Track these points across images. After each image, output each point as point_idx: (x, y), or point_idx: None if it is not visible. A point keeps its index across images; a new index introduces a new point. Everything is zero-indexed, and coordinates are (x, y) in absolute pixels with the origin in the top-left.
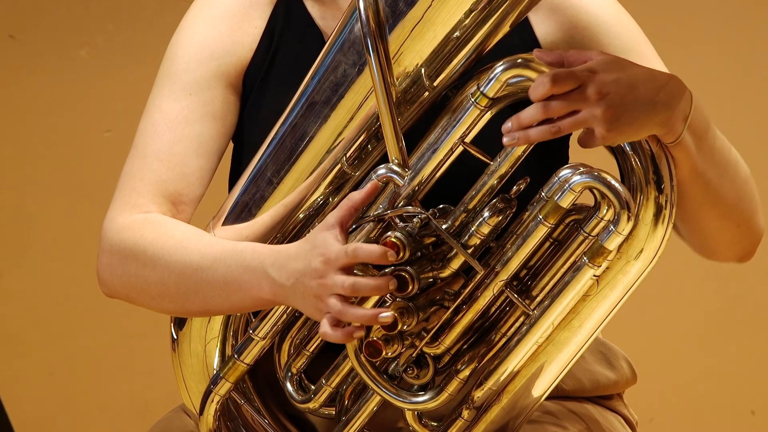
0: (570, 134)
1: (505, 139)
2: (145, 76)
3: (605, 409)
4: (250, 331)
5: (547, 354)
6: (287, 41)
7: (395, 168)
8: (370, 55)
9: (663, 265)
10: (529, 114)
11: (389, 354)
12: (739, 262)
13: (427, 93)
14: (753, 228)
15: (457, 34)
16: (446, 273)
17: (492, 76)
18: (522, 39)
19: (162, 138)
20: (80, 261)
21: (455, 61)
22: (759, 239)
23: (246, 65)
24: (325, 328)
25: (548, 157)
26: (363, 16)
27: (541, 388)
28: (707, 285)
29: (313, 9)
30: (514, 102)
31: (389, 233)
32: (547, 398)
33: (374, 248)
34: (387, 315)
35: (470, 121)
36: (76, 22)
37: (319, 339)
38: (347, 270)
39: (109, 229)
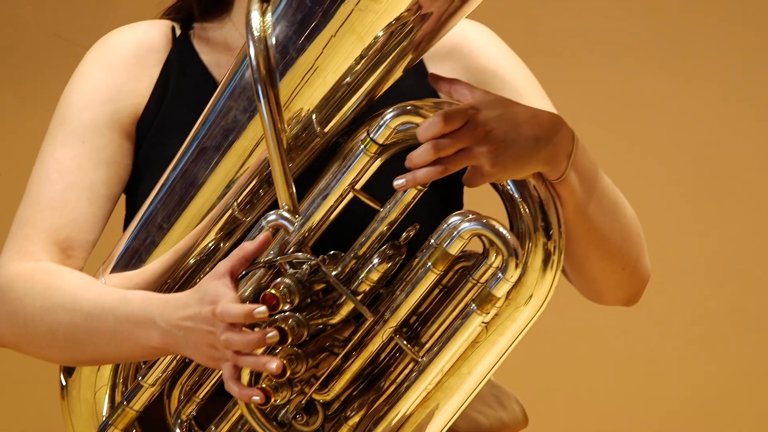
0: (462, 183)
1: (395, 182)
2: (37, 120)
3: None
4: (139, 378)
5: (436, 400)
6: (181, 89)
7: (285, 214)
8: (261, 102)
9: (553, 309)
10: (419, 154)
11: (278, 401)
12: (625, 306)
13: (318, 139)
14: (638, 271)
15: (348, 80)
16: (336, 320)
17: (382, 122)
18: (417, 81)
19: (55, 185)
20: None
21: (346, 108)
22: (645, 282)
23: (140, 113)
24: (229, 383)
25: (443, 204)
26: (253, 63)
27: None
28: (596, 327)
29: (206, 57)
30: (405, 148)
31: (279, 279)
32: None
33: (240, 310)
34: (274, 366)
35: (360, 167)
36: None
37: (210, 385)
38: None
39: (0, 276)
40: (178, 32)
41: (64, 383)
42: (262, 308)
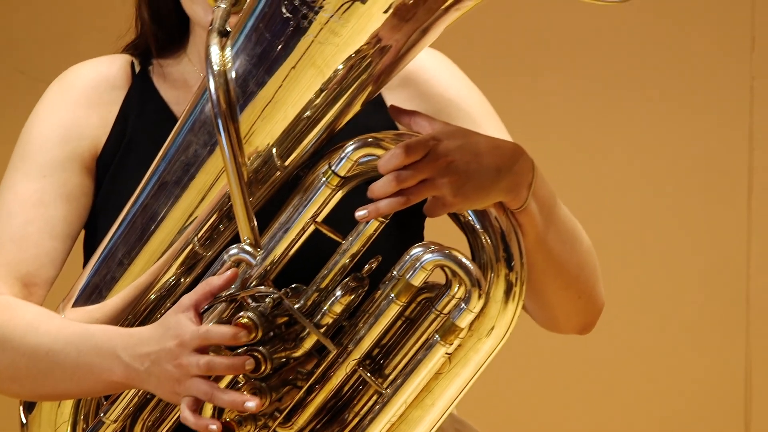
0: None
1: (357, 213)
2: (0, 154)
3: None
4: (101, 414)
5: None
6: (141, 126)
7: (247, 248)
8: (221, 135)
9: (514, 341)
10: (381, 186)
11: None
12: (579, 334)
13: (278, 172)
14: (594, 299)
15: (308, 113)
16: (299, 353)
17: (343, 155)
18: (374, 108)
19: (15, 219)
20: None
21: (306, 141)
22: (599, 311)
23: (100, 149)
24: (185, 413)
25: (403, 235)
26: (213, 97)
27: None
28: (556, 356)
29: (166, 94)
30: (366, 180)
31: (241, 314)
32: None
33: (226, 329)
34: (252, 404)
35: (322, 200)
36: None
37: (172, 421)
38: (202, 351)
39: None
40: (137, 68)
41: (24, 420)
42: (244, 331)
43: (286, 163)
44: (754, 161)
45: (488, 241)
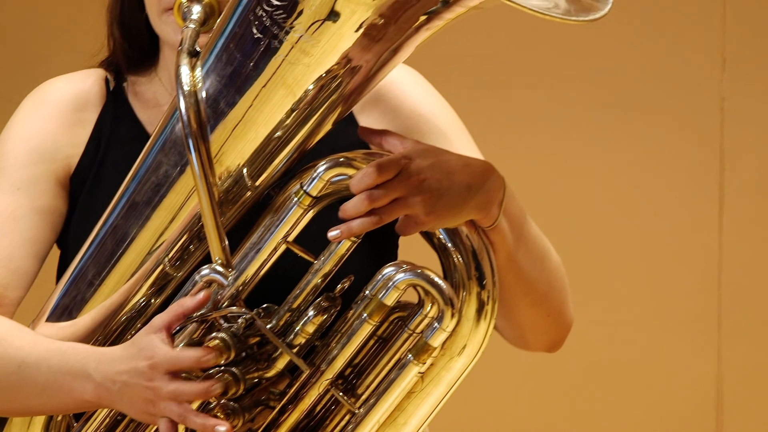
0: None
1: (330, 234)
2: None
3: None
4: None
5: None
6: (115, 146)
7: (218, 268)
8: (192, 155)
9: (486, 359)
10: (353, 205)
11: None
12: (548, 352)
13: (249, 192)
14: (563, 317)
15: (279, 133)
16: (272, 373)
17: (315, 175)
18: (345, 127)
19: None
20: None
21: (277, 161)
22: (568, 329)
23: (74, 166)
24: None
25: (376, 254)
26: (184, 117)
27: None
28: (528, 373)
29: (141, 113)
30: (338, 200)
31: (213, 334)
32: None
33: (194, 354)
34: (223, 429)
35: (293, 220)
36: None
37: None
38: (174, 373)
39: None
40: (111, 84)
41: None
42: (213, 353)
43: (257, 183)
44: (724, 181)
45: (460, 259)
